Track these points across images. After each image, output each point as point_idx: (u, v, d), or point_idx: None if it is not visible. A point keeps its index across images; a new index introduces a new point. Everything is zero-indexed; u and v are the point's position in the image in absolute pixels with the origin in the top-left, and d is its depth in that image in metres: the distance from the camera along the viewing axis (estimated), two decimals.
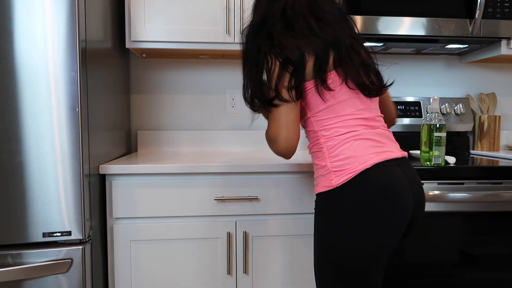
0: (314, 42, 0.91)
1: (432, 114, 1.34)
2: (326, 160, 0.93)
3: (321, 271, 0.94)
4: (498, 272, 1.37)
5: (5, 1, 1.01)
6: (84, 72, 1.12)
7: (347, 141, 0.92)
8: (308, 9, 0.94)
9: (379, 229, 0.87)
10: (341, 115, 0.93)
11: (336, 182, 0.90)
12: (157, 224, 1.30)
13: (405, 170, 0.93)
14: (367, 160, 0.89)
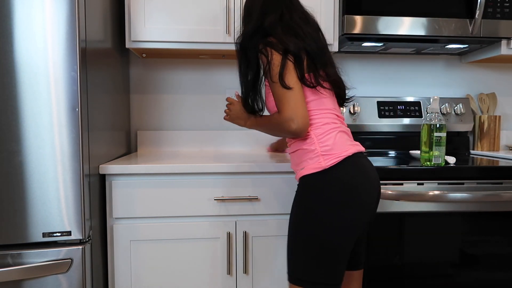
0: (310, 43, 1.04)
1: (432, 114, 1.34)
2: (315, 144, 1.03)
3: (298, 246, 1.01)
4: (498, 272, 1.37)
5: (5, 1, 1.01)
6: (84, 72, 1.12)
7: (332, 131, 1.03)
8: (303, 20, 1.09)
9: (360, 208, 0.98)
10: (324, 108, 1.06)
11: (326, 164, 0.99)
12: (157, 224, 1.30)
13: (368, 161, 1.08)
14: (348, 148, 1.02)
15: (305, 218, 1.00)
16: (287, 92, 0.99)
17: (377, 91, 1.96)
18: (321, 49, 1.07)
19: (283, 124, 1.00)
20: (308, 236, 0.99)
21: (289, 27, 1.06)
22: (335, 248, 0.97)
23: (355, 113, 1.78)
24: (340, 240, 0.97)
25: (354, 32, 1.54)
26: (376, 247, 1.32)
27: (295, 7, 1.12)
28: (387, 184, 1.30)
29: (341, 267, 1.00)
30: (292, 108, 0.99)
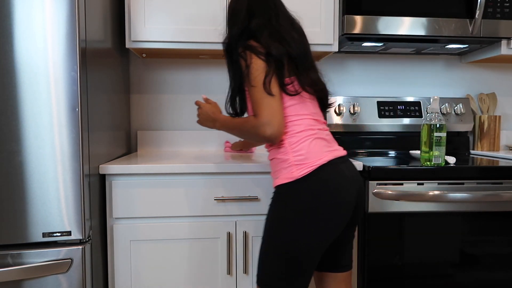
0: (294, 48, 1.04)
1: (432, 114, 1.34)
2: (289, 154, 1.02)
3: (268, 254, 1.02)
4: (498, 272, 1.37)
5: (5, 1, 1.01)
6: (84, 72, 1.12)
7: (306, 138, 1.02)
8: (290, 25, 1.09)
9: (329, 219, 0.98)
10: (302, 114, 1.05)
11: (298, 174, 0.99)
12: (157, 224, 1.30)
13: (348, 166, 1.05)
14: (323, 156, 1.01)
15: (275, 226, 1.01)
16: (266, 97, 0.99)
17: (377, 91, 1.96)
18: (305, 55, 1.07)
19: (259, 128, 0.99)
20: (277, 245, 1.00)
21: (276, 32, 1.06)
22: (301, 258, 0.98)
23: (355, 113, 1.78)
24: (308, 251, 0.98)
25: (354, 32, 1.54)
26: (376, 247, 1.32)
27: (281, 11, 1.12)
28: (387, 184, 1.30)
29: (306, 276, 1.01)
30: (270, 113, 0.98)
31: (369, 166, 1.31)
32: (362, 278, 1.35)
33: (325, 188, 0.98)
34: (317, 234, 0.98)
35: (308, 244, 0.98)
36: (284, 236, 0.99)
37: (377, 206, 1.30)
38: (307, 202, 0.98)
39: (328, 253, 1.13)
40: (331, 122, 1.78)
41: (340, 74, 1.93)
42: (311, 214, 0.97)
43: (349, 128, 1.80)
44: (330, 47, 1.58)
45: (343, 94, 1.93)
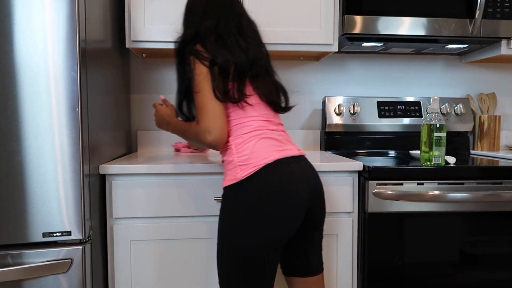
0: (239, 55, 1.03)
1: (432, 114, 1.34)
2: (234, 155, 1.02)
3: (223, 259, 1.02)
4: (498, 272, 1.37)
5: (5, 1, 1.01)
6: (84, 72, 1.12)
7: (252, 139, 1.02)
8: (237, 30, 1.08)
9: (277, 219, 0.96)
10: (250, 116, 1.04)
11: (241, 175, 0.98)
12: (157, 224, 1.30)
13: (302, 165, 1.03)
14: (269, 156, 0.99)
15: (225, 229, 1.00)
16: (207, 103, 0.99)
17: (377, 91, 1.96)
18: (251, 61, 1.04)
19: (200, 135, 1.00)
20: (228, 248, 0.99)
21: (221, 37, 1.05)
22: (254, 259, 0.97)
23: (355, 113, 1.79)
24: (258, 252, 0.96)
25: (354, 32, 1.54)
26: (376, 247, 1.32)
27: (234, 14, 1.10)
28: (387, 184, 1.30)
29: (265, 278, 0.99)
30: (209, 119, 0.98)
31: (369, 166, 1.31)
32: (362, 278, 1.35)
33: (270, 188, 0.96)
34: (265, 234, 0.96)
35: (257, 244, 0.96)
36: (233, 238, 0.98)
37: (377, 206, 1.30)
38: (252, 202, 0.96)
39: (290, 257, 1.11)
40: (331, 122, 1.78)
41: (340, 74, 1.93)
42: (257, 215, 0.96)
43: (349, 128, 1.80)
44: (330, 47, 1.58)
45: (343, 94, 1.94)
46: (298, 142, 1.91)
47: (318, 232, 1.10)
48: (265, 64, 1.10)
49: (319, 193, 1.06)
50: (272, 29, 1.55)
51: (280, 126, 1.11)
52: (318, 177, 1.07)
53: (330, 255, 1.37)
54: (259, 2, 1.54)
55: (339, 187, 1.35)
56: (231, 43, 1.04)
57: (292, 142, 1.11)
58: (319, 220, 1.08)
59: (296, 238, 1.08)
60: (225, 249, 1.00)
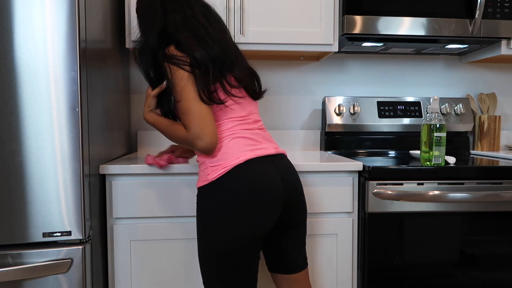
0: (212, 46, 0.99)
1: (432, 114, 1.34)
2: (205, 157, 1.02)
3: (201, 259, 1.02)
4: (498, 272, 1.37)
5: (5, 1, 1.01)
6: (84, 72, 1.12)
7: (224, 139, 1.01)
8: (205, 19, 1.03)
9: (249, 218, 0.96)
10: (224, 119, 1.03)
11: (212, 177, 0.98)
12: (157, 224, 1.30)
13: (278, 164, 1.02)
14: (240, 156, 0.98)
15: (201, 230, 1.01)
16: (193, 108, 0.96)
17: (377, 91, 1.96)
18: (225, 51, 1.01)
19: (191, 142, 0.98)
20: (204, 245, 1.00)
21: (194, 30, 1.00)
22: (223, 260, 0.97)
23: (355, 113, 1.79)
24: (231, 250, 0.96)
25: (354, 32, 1.54)
26: (376, 247, 1.32)
27: (196, 3, 1.05)
28: (387, 184, 1.30)
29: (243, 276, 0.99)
30: (198, 125, 0.96)
31: (369, 166, 1.31)
32: (362, 278, 1.35)
33: (240, 187, 0.96)
34: (238, 231, 0.96)
35: (229, 242, 0.96)
36: (207, 237, 0.99)
37: (377, 206, 1.30)
38: (223, 202, 0.96)
39: (273, 254, 1.11)
40: (331, 122, 1.78)
41: (340, 74, 1.93)
42: (229, 213, 0.96)
43: (349, 128, 1.80)
44: (330, 47, 1.58)
45: (343, 94, 1.94)
46: (298, 142, 1.91)
47: (300, 229, 1.10)
48: (235, 51, 1.06)
49: (295, 190, 1.04)
50: (272, 29, 1.55)
51: (258, 123, 1.09)
52: (294, 174, 1.06)
53: (330, 255, 1.37)
54: (259, 2, 1.54)
55: (339, 187, 1.35)
56: (203, 33, 1.00)
57: (270, 140, 1.10)
58: (298, 217, 1.07)
59: (277, 235, 1.09)
60: (201, 248, 1.01)
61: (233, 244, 0.96)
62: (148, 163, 1.24)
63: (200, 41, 0.99)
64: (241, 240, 0.96)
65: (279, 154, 1.06)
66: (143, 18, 1.09)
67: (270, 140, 1.09)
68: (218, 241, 0.97)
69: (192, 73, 0.97)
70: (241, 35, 1.53)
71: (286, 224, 1.07)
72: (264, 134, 1.08)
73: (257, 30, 1.55)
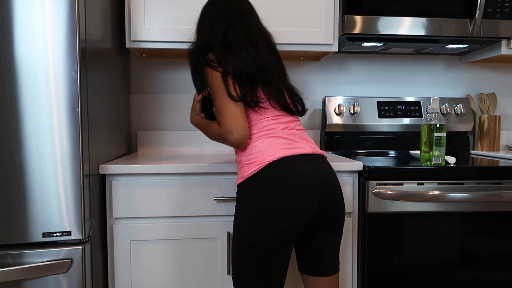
0: (249, 64, 1.06)
1: (432, 114, 1.34)
2: (242, 155, 1.07)
3: (235, 253, 1.06)
4: (498, 272, 1.37)
5: (5, 1, 1.01)
6: (84, 72, 1.12)
7: (260, 138, 1.05)
8: (246, 38, 1.10)
9: (282, 214, 0.98)
10: (260, 118, 1.08)
11: (247, 173, 1.03)
12: (157, 224, 1.30)
13: (314, 164, 1.05)
14: (275, 153, 1.02)
15: (237, 225, 1.05)
16: (226, 106, 1.03)
17: (377, 91, 1.96)
18: (261, 68, 1.07)
19: (223, 136, 1.04)
20: (238, 241, 1.04)
21: (230, 46, 1.08)
22: (258, 254, 1.00)
23: (355, 113, 1.79)
24: (262, 246, 0.99)
25: (354, 32, 1.54)
26: (376, 247, 1.32)
27: (242, 23, 1.12)
28: (387, 184, 1.30)
29: (273, 271, 1.02)
30: (230, 120, 1.02)
31: (369, 166, 1.31)
32: (362, 278, 1.35)
33: (274, 184, 0.99)
34: (270, 229, 0.98)
35: (263, 240, 0.99)
36: (242, 233, 1.03)
37: (377, 206, 1.30)
38: (257, 198, 1.00)
39: (305, 255, 1.11)
40: (331, 122, 1.78)
41: (340, 74, 1.93)
42: (262, 210, 0.99)
43: (349, 128, 1.80)
44: (330, 47, 1.58)
45: (343, 94, 1.94)
46: None
47: (335, 231, 1.10)
48: (276, 71, 1.11)
49: (332, 190, 1.05)
50: (272, 29, 1.55)
51: (294, 123, 1.12)
52: (332, 174, 1.07)
53: None
54: (259, 2, 1.54)
55: None
56: (241, 51, 1.07)
57: (308, 140, 1.12)
58: (334, 218, 1.07)
59: (311, 235, 1.09)
60: (236, 243, 1.05)
61: (264, 241, 0.99)
62: None
63: (235, 56, 1.06)
64: (272, 237, 0.99)
65: (316, 154, 1.08)
66: (198, 24, 1.19)
67: (307, 140, 1.11)
68: (251, 236, 1.00)
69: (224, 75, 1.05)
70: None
71: (320, 224, 1.07)
72: (301, 134, 1.11)
73: None
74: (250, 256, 1.01)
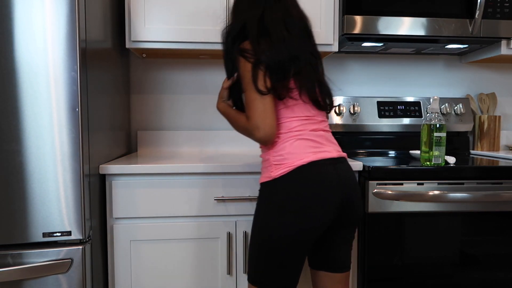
0: (282, 51, 1.02)
1: (432, 114, 1.34)
2: (270, 154, 1.05)
3: (253, 249, 1.06)
4: (498, 272, 1.37)
5: (5, 1, 1.01)
6: (84, 72, 1.12)
7: (289, 139, 1.04)
8: (282, 22, 1.06)
9: (306, 217, 0.98)
10: (289, 117, 1.05)
11: (275, 174, 1.02)
12: (157, 224, 1.30)
13: (338, 168, 1.04)
14: (304, 157, 1.01)
15: (257, 223, 1.05)
16: (255, 100, 1.00)
17: (377, 91, 1.96)
18: (294, 56, 1.03)
19: (250, 131, 1.02)
20: (257, 239, 1.04)
21: (266, 30, 1.04)
22: (280, 253, 1.00)
23: (355, 113, 1.78)
24: (283, 246, 1.00)
25: (354, 32, 1.54)
26: (376, 247, 1.32)
27: (279, 6, 1.08)
28: (387, 184, 1.30)
29: (291, 270, 1.02)
30: (258, 116, 1.00)
31: (369, 166, 1.31)
32: (362, 278, 1.35)
33: (301, 189, 0.99)
34: (292, 231, 0.99)
35: (282, 240, 0.99)
36: (262, 231, 1.02)
37: (377, 206, 1.30)
38: (283, 200, 1.00)
39: (321, 251, 1.12)
40: (331, 122, 1.78)
41: (340, 74, 1.93)
42: (286, 212, 0.99)
43: (349, 128, 1.80)
44: (330, 47, 1.58)
45: (343, 94, 1.93)
46: None
47: (351, 229, 1.12)
48: (309, 59, 1.07)
49: (353, 193, 1.06)
50: None
51: (323, 124, 1.10)
52: (353, 178, 1.07)
53: None
54: None
55: None
56: (276, 37, 1.03)
57: (333, 141, 1.11)
58: (354, 219, 1.09)
59: (332, 234, 1.10)
60: (256, 241, 1.05)
61: (285, 242, 0.99)
62: None
63: (270, 42, 1.02)
64: (294, 239, 0.99)
65: (341, 158, 1.08)
66: (234, 6, 1.14)
67: (333, 142, 1.10)
68: (273, 235, 1.00)
69: (255, 67, 1.01)
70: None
71: (341, 224, 1.08)
72: (327, 136, 1.10)
73: None
74: (269, 255, 1.01)
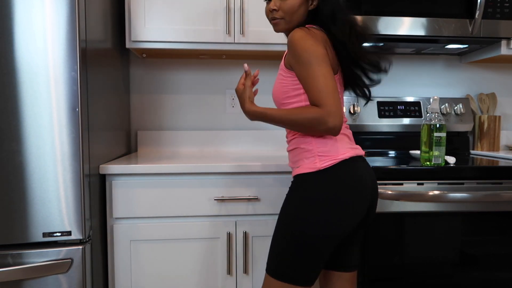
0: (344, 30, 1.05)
1: (432, 114, 1.34)
2: (313, 145, 1.02)
3: (280, 241, 1.02)
4: (498, 272, 1.37)
5: (5, 1, 1.01)
6: (84, 72, 1.12)
7: None
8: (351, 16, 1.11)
9: (347, 212, 0.98)
10: None
11: (321, 165, 1.00)
12: (157, 224, 1.30)
13: (365, 166, 1.06)
14: (346, 152, 1.02)
15: (292, 214, 1.01)
16: (330, 85, 0.93)
17: (377, 91, 1.95)
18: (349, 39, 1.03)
19: (322, 119, 0.92)
20: (291, 232, 1.00)
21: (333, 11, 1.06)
22: (314, 248, 0.98)
23: (355, 113, 1.78)
24: (320, 241, 0.98)
25: None
26: (376, 247, 1.32)
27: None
28: (387, 184, 1.30)
29: (316, 266, 1.01)
30: (334, 102, 0.92)
31: None
32: (362, 278, 1.35)
33: (344, 182, 0.99)
34: (328, 227, 0.97)
35: (317, 235, 0.97)
36: (297, 223, 0.99)
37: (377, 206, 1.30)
38: (325, 193, 0.98)
39: (338, 252, 1.12)
40: None
41: None
42: (326, 206, 0.97)
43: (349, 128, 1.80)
44: None
45: None
46: None
47: (364, 229, 1.12)
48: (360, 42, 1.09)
49: (376, 193, 1.08)
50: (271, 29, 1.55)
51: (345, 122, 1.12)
52: (375, 179, 1.09)
53: None
54: (259, 2, 1.54)
55: None
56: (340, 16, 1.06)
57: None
58: (371, 219, 1.10)
59: (353, 234, 1.10)
60: (286, 232, 1.01)
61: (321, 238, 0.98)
62: None
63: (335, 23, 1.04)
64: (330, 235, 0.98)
65: (363, 156, 1.09)
66: None
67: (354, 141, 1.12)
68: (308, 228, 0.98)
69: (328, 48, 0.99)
70: (241, 35, 1.53)
71: (363, 224, 1.08)
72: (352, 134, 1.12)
73: (257, 30, 1.55)
74: (299, 248, 0.98)
